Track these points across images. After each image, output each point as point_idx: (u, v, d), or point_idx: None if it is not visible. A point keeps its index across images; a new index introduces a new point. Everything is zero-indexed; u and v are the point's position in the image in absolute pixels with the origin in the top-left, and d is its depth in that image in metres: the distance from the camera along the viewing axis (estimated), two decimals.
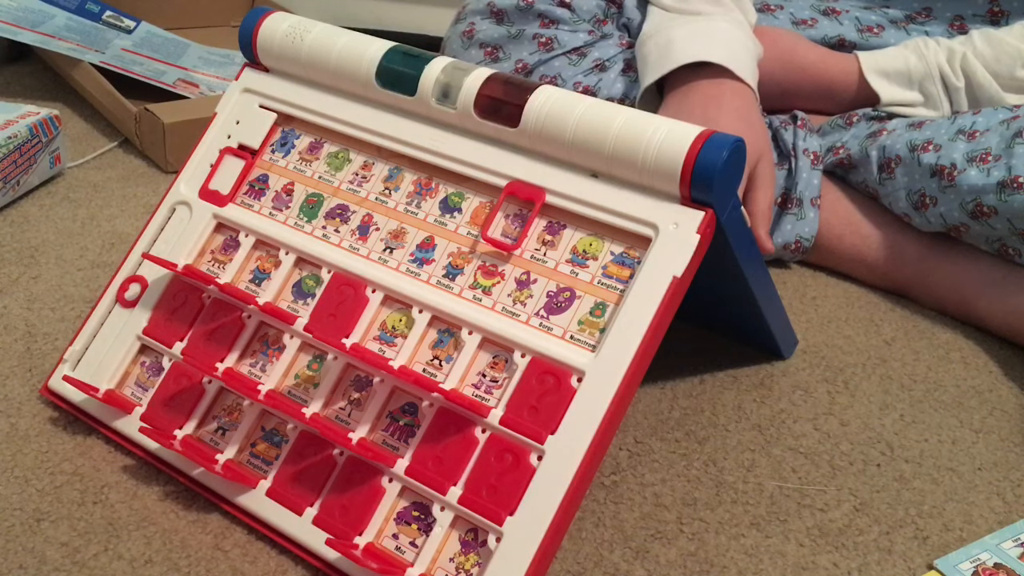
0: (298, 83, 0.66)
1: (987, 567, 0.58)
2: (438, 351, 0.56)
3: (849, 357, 0.80)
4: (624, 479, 0.63)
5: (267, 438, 0.58)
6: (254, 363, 0.60)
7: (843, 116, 0.97)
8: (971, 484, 0.66)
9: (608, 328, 0.52)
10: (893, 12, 1.01)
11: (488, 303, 0.56)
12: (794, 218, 0.92)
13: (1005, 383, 0.78)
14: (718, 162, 0.51)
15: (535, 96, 0.56)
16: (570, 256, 0.55)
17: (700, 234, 0.52)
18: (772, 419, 0.71)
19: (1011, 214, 0.79)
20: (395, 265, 0.59)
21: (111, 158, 1.03)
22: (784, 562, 0.58)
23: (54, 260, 0.83)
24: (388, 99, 0.62)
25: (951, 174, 0.82)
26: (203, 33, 1.36)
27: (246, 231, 0.63)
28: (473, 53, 0.98)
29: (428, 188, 0.61)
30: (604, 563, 0.57)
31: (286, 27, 0.65)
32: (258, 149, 0.66)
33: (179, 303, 0.63)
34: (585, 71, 0.95)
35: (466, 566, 0.51)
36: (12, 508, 0.57)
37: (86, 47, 1.16)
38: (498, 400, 0.53)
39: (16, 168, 0.90)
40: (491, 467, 0.52)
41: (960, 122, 0.85)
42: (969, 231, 0.83)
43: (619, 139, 0.53)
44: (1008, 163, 0.79)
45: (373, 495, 0.54)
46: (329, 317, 0.58)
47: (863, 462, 0.67)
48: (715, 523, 0.60)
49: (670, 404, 0.71)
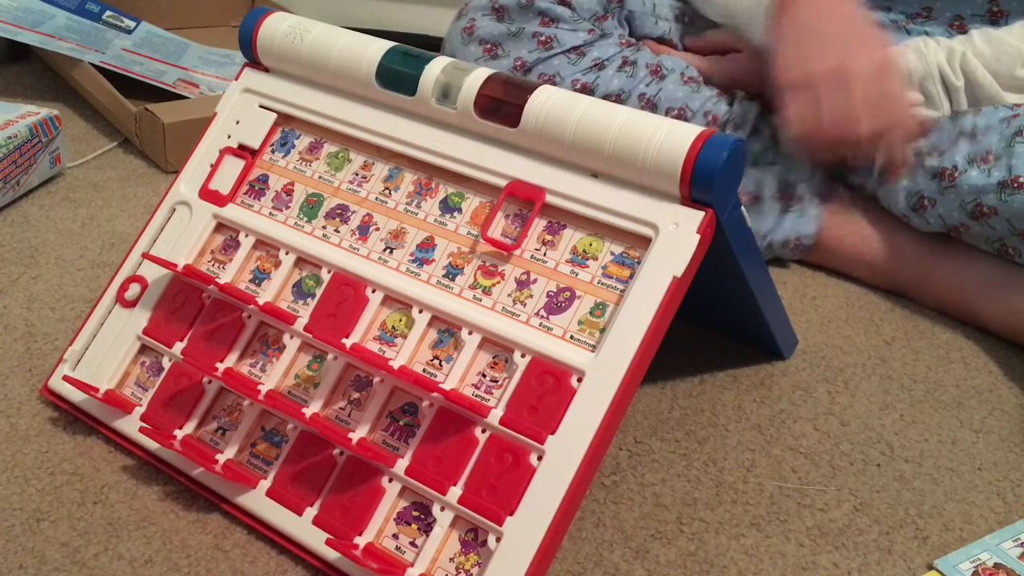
0: (298, 83, 0.66)
1: (987, 567, 0.58)
2: (438, 351, 0.56)
3: (849, 357, 0.80)
4: (624, 479, 0.63)
5: (267, 438, 0.58)
6: (254, 363, 0.60)
7: None
8: (971, 484, 0.66)
9: (608, 328, 0.52)
10: (893, 13, 1.01)
11: (488, 303, 0.56)
12: (795, 216, 0.92)
13: (1005, 383, 0.78)
14: (718, 162, 0.51)
15: (535, 96, 0.56)
16: (570, 256, 0.55)
17: (700, 234, 0.52)
18: (772, 419, 0.71)
19: (1011, 214, 0.79)
20: (395, 265, 0.59)
21: (111, 158, 1.03)
22: (784, 562, 0.58)
23: (54, 260, 0.83)
24: (388, 99, 0.62)
25: (952, 175, 0.82)
26: (203, 33, 1.36)
27: (246, 231, 0.63)
28: (472, 49, 0.98)
29: (428, 188, 0.61)
30: (604, 563, 0.57)
31: (286, 27, 0.65)
32: (258, 149, 0.66)
33: (179, 303, 0.63)
34: (584, 70, 0.95)
35: (466, 566, 0.51)
36: (12, 508, 0.57)
37: (86, 47, 1.16)
38: (498, 400, 0.53)
39: (16, 168, 0.90)
40: (491, 467, 0.52)
41: (962, 124, 0.85)
42: (969, 231, 0.83)
43: (619, 139, 0.53)
44: (1009, 163, 0.79)
45: (373, 495, 0.54)
46: (329, 317, 0.58)
47: (863, 462, 0.67)
48: (715, 523, 0.60)
49: (670, 404, 0.71)
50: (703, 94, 0.94)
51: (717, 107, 0.94)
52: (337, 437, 0.55)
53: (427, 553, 0.52)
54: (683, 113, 0.93)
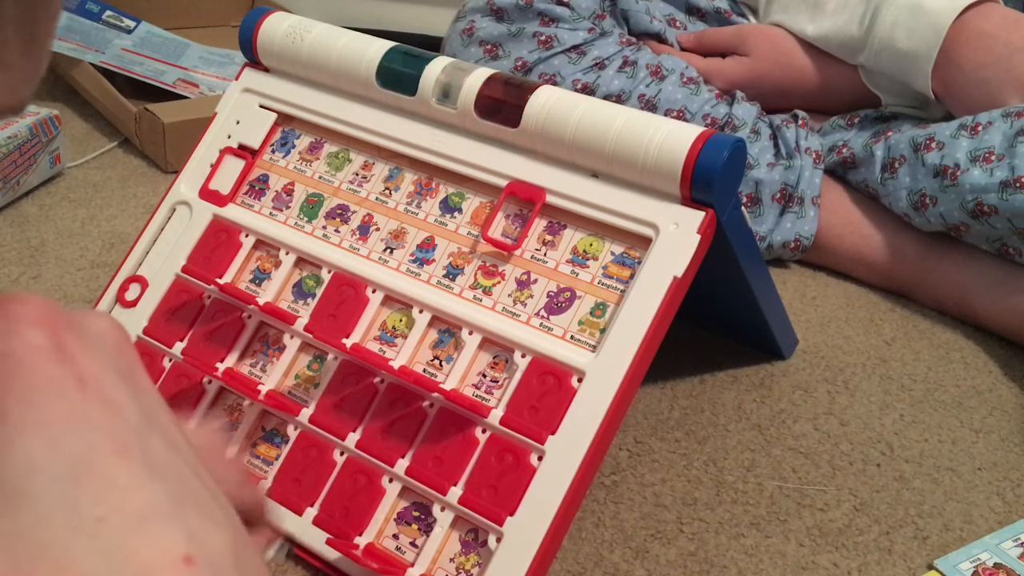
0: (298, 83, 0.66)
1: (987, 567, 0.58)
2: (438, 351, 0.56)
3: (849, 357, 0.80)
4: (624, 479, 0.63)
5: (267, 438, 0.58)
6: (254, 363, 0.60)
7: (844, 116, 0.97)
8: (971, 484, 0.66)
9: (608, 328, 0.52)
10: None
11: (488, 303, 0.56)
12: (794, 216, 0.92)
13: (1005, 383, 0.78)
14: (718, 162, 0.51)
15: (535, 96, 0.56)
16: (570, 256, 0.55)
17: (700, 234, 0.52)
18: (772, 419, 0.71)
19: (1011, 213, 0.79)
20: (395, 265, 0.59)
21: (111, 158, 1.03)
22: (784, 562, 0.58)
23: (54, 260, 0.83)
24: (388, 99, 0.62)
25: (954, 174, 0.82)
26: (203, 33, 1.36)
27: (246, 231, 0.63)
28: (473, 51, 0.98)
29: (428, 188, 0.61)
30: (604, 563, 0.57)
31: (286, 27, 0.65)
32: (258, 149, 0.66)
33: (179, 303, 0.63)
34: (584, 69, 0.95)
35: (466, 566, 0.51)
36: None
37: (86, 47, 1.16)
38: (498, 400, 0.53)
39: (16, 168, 0.90)
40: (491, 467, 0.52)
41: (962, 118, 0.85)
42: (969, 231, 0.83)
43: (619, 139, 0.53)
44: (1011, 163, 0.79)
45: (373, 495, 0.54)
46: (329, 317, 0.58)
47: (863, 462, 0.67)
48: (715, 523, 0.61)
49: (670, 404, 0.71)
50: (702, 96, 0.94)
51: (716, 109, 0.94)
52: (337, 437, 0.54)
53: (427, 553, 0.52)
54: (682, 115, 0.93)
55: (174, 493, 0.26)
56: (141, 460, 0.25)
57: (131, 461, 0.25)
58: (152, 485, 0.25)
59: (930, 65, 0.87)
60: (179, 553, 0.24)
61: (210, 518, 0.26)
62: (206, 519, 0.26)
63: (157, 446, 0.27)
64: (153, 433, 0.27)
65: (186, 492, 0.26)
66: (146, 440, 0.26)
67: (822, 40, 0.96)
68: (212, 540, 0.26)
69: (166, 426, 0.28)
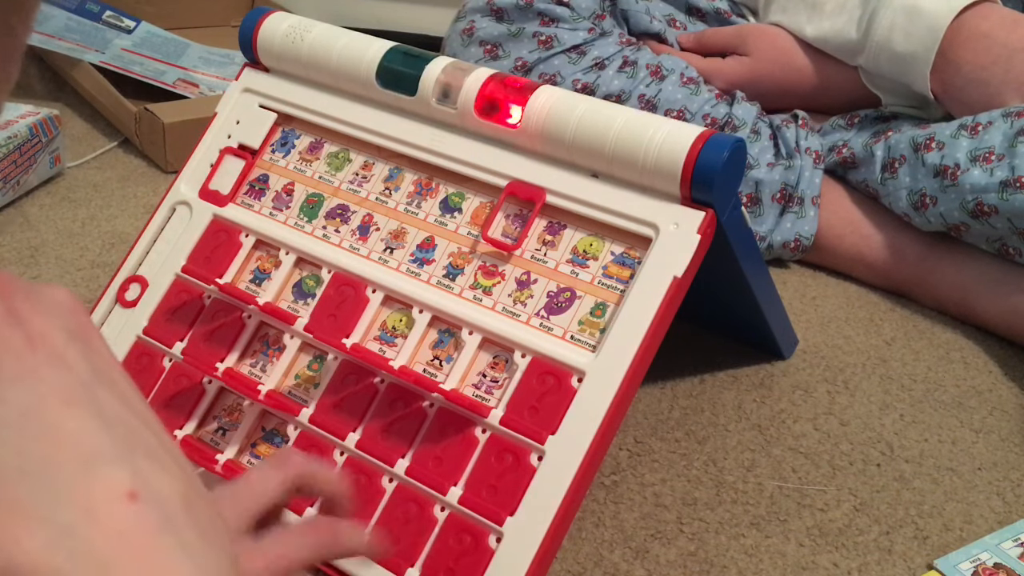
0: (298, 83, 0.66)
1: (987, 567, 0.58)
2: (438, 351, 0.56)
3: (849, 357, 0.80)
4: (624, 479, 0.63)
5: (267, 438, 0.58)
6: (254, 363, 0.60)
7: (844, 116, 0.97)
8: (971, 484, 0.66)
9: (608, 328, 0.52)
10: None
11: (488, 303, 0.56)
12: (794, 216, 0.92)
13: (1005, 383, 0.78)
14: (718, 162, 0.51)
15: (535, 96, 0.56)
16: (570, 256, 0.55)
17: (701, 234, 0.52)
18: (772, 419, 0.71)
19: (1011, 213, 0.79)
20: (395, 265, 0.59)
21: (111, 158, 1.03)
22: (784, 562, 0.58)
23: (54, 260, 0.83)
24: (388, 99, 0.62)
25: (954, 174, 0.82)
26: (203, 33, 1.36)
27: (246, 231, 0.63)
28: (473, 51, 0.98)
29: (428, 188, 0.61)
30: (604, 563, 0.57)
31: (286, 27, 0.65)
32: (258, 149, 0.66)
33: (179, 303, 0.63)
34: (584, 69, 0.95)
35: None
36: None
37: (86, 47, 1.16)
38: (498, 400, 0.53)
39: (16, 168, 0.90)
40: (491, 467, 0.52)
41: (962, 118, 0.85)
42: (969, 230, 0.83)
43: (619, 139, 0.53)
44: (1011, 163, 0.79)
45: (373, 495, 0.54)
46: (329, 317, 0.58)
47: (863, 462, 0.67)
48: (715, 523, 0.61)
49: (670, 404, 0.71)
50: (702, 96, 0.94)
51: (716, 109, 0.94)
52: (337, 437, 0.54)
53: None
54: (682, 115, 0.93)
55: (122, 439, 0.27)
56: (89, 410, 0.27)
57: (79, 410, 0.27)
58: (100, 433, 0.27)
59: (928, 67, 0.87)
60: (123, 489, 0.26)
61: (160, 465, 0.28)
62: (155, 465, 0.28)
63: (107, 399, 0.28)
64: (103, 387, 0.28)
65: (136, 440, 0.28)
66: (95, 393, 0.28)
67: (820, 42, 0.96)
68: (159, 482, 0.27)
69: (118, 382, 0.30)
